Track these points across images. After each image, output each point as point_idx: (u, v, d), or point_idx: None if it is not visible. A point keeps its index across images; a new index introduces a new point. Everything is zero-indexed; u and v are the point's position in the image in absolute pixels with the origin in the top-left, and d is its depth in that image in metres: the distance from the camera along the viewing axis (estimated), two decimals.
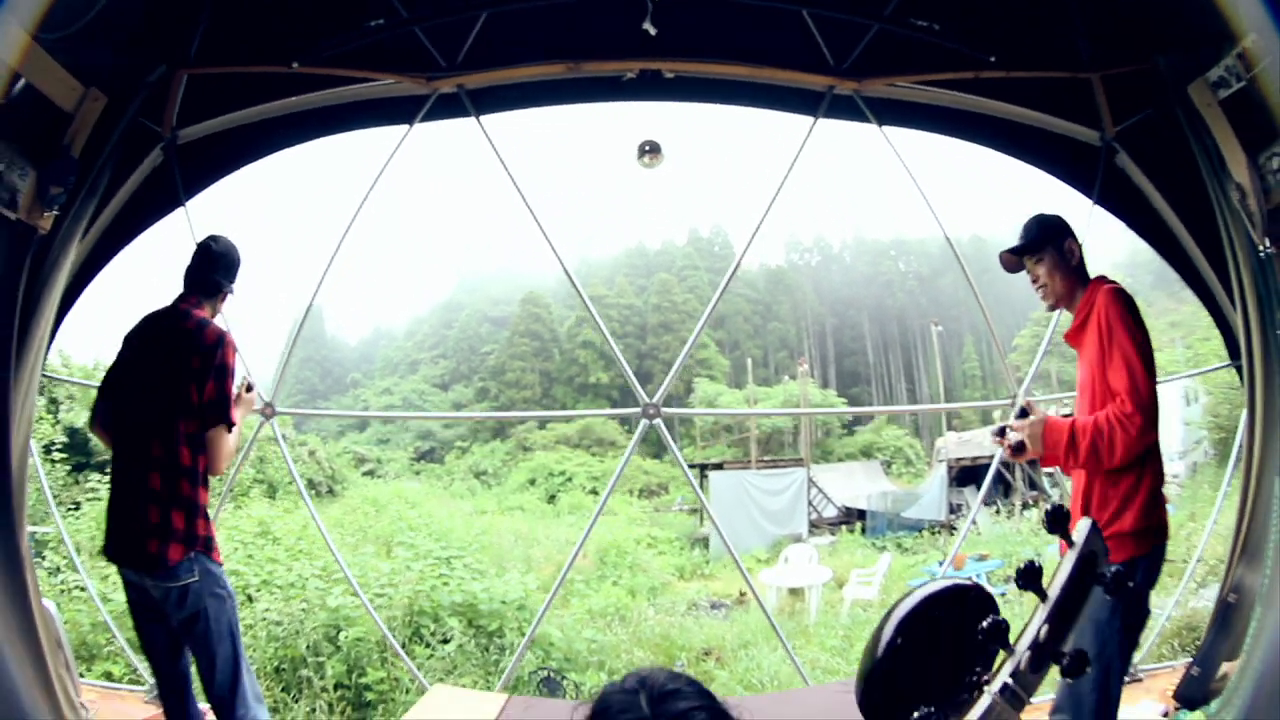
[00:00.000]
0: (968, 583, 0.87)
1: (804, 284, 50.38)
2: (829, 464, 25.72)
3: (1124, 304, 2.06)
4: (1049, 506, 0.88)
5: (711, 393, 29.70)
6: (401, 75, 3.26)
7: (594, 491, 24.26)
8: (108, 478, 2.30)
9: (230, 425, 2.16)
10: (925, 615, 1.10)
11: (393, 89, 3.33)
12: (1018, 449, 2.08)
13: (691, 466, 23.04)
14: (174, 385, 2.12)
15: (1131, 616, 2.03)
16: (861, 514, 17.72)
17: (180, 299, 2.27)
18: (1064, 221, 2.25)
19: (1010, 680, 0.70)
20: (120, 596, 4.62)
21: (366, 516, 12.12)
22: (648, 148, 3.60)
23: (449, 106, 3.41)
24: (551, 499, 24.43)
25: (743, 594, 10.86)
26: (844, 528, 17.40)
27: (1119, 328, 2.02)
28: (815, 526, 17.16)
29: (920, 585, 1.11)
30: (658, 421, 3.41)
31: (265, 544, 7.81)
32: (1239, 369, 3.07)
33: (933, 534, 15.17)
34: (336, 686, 5.26)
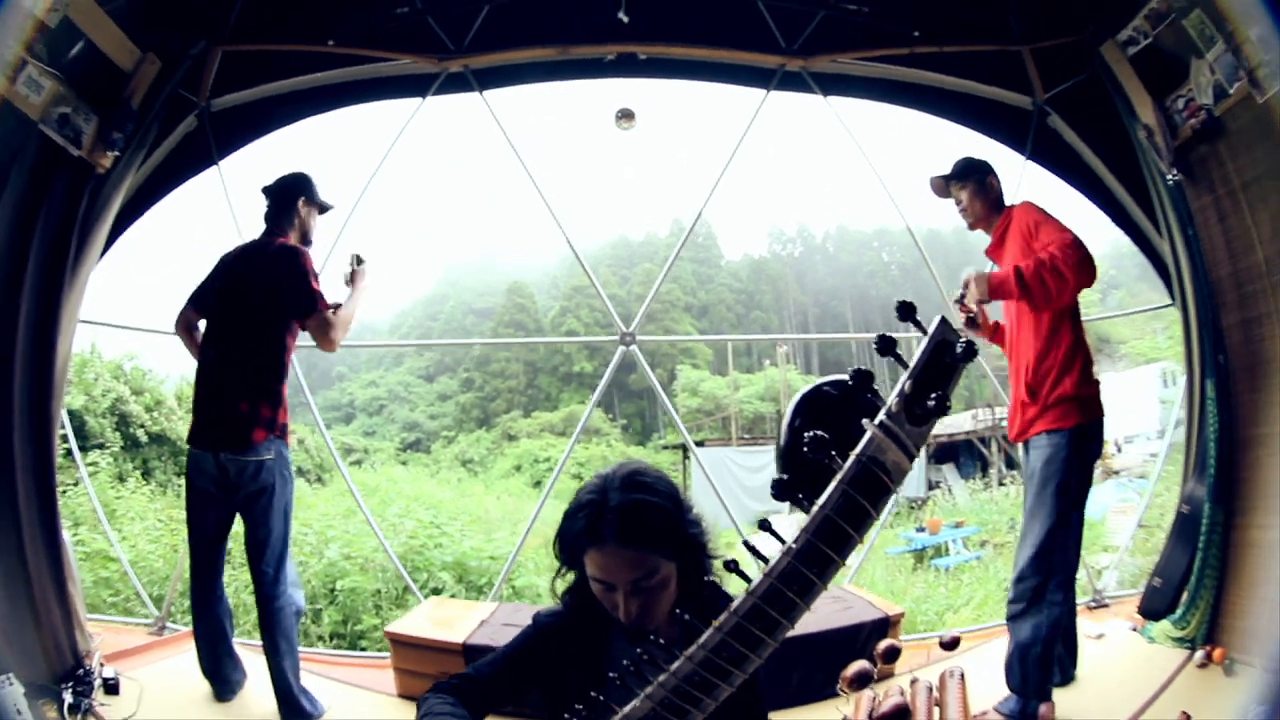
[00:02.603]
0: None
1: (787, 274, 50.78)
2: None
3: (1040, 209, 2.43)
4: (898, 302, 0.89)
5: (695, 379, 30.11)
6: (416, 56, 3.64)
7: (578, 476, 24.48)
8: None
9: (326, 309, 2.51)
10: (817, 396, 1.30)
11: (406, 68, 3.69)
12: (975, 305, 2.47)
13: (676, 447, 23.38)
14: (266, 297, 2.48)
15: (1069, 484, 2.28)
16: None
17: (266, 233, 2.62)
18: (989, 165, 2.64)
19: (884, 418, 0.80)
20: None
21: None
22: (622, 113, 4.07)
23: (455, 84, 3.78)
24: (537, 484, 24.60)
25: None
26: None
27: (1040, 221, 2.35)
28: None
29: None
30: (633, 348, 3.81)
31: None
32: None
33: (911, 510, 15.34)
34: (332, 635, 5.54)
